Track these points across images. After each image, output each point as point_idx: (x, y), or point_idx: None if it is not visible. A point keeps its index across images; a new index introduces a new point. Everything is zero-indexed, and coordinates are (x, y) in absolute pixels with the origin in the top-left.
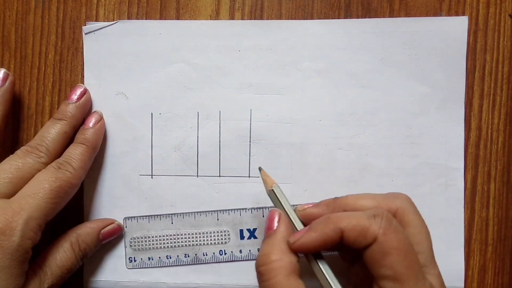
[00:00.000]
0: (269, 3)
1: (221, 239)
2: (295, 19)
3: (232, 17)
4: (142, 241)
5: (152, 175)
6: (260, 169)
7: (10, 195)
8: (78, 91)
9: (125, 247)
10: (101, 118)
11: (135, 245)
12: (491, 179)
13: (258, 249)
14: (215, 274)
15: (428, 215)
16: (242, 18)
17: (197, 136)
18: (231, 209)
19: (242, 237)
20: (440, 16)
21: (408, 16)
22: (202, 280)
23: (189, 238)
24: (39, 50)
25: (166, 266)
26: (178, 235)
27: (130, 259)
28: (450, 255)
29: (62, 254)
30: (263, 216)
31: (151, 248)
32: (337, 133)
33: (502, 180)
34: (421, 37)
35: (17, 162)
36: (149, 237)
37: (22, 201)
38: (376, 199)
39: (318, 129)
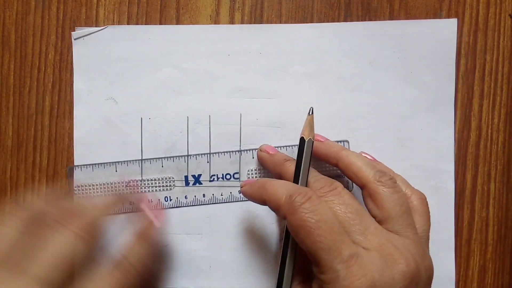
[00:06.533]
0: (269, 3)
1: (166, 185)
2: (295, 19)
3: (232, 17)
4: (87, 189)
5: (142, 180)
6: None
7: None
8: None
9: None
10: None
11: (80, 193)
12: (491, 179)
13: (204, 195)
14: (206, 278)
15: None
16: (242, 18)
17: (187, 141)
18: (176, 156)
19: (187, 183)
20: (440, 16)
21: (408, 16)
22: (194, 285)
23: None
24: (39, 50)
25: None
26: (122, 182)
27: None
28: (440, 258)
29: None
30: (208, 162)
31: (97, 196)
32: (327, 137)
33: (502, 180)
34: (410, 40)
35: None
36: (94, 185)
37: None
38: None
39: None
